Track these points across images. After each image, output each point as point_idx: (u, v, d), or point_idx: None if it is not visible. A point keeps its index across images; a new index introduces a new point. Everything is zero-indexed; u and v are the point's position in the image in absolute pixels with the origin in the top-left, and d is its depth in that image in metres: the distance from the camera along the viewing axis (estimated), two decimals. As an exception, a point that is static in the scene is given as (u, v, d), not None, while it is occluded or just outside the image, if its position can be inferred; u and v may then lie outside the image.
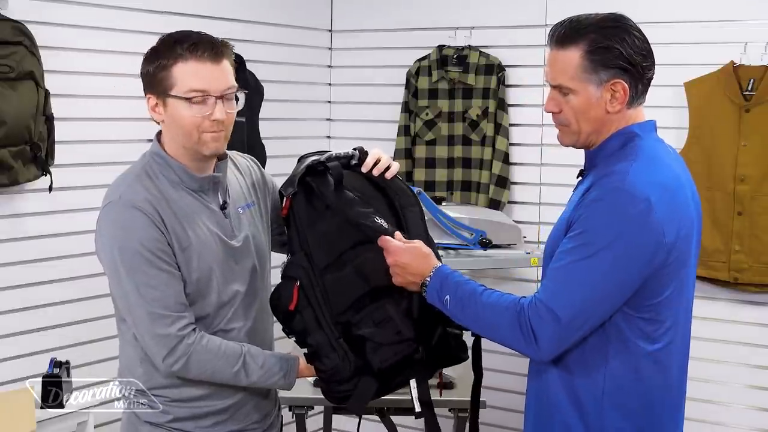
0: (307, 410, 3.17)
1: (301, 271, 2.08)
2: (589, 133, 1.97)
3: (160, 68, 2.00)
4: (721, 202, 3.48)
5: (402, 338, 2.06)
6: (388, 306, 2.07)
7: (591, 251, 1.84)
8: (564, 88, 1.95)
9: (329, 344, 2.06)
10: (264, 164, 3.85)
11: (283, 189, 2.13)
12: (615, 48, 1.89)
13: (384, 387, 2.12)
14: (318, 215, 2.11)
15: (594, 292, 1.85)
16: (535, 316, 1.87)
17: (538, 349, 1.88)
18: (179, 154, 2.06)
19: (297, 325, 2.08)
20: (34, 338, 3.16)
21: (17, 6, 2.98)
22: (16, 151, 2.91)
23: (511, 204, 4.04)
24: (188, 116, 2.01)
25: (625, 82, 1.91)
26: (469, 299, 1.96)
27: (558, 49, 1.95)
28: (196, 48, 1.99)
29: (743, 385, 3.62)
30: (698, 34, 3.60)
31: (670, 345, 1.95)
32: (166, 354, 2.00)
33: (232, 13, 3.85)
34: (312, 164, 2.13)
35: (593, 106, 1.93)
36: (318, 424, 3.74)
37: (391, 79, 4.26)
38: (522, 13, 3.96)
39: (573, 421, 1.96)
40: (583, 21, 1.94)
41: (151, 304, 1.98)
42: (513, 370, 3.93)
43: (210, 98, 2.01)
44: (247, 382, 2.10)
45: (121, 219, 1.99)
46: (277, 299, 2.09)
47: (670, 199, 1.87)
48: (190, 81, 1.99)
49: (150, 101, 2.05)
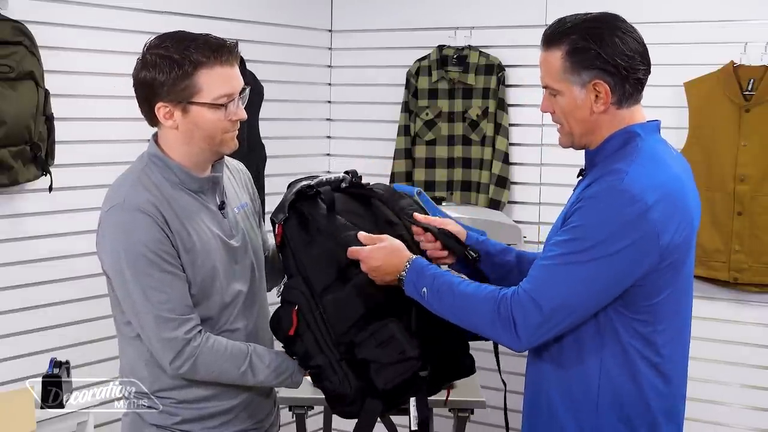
0: (307, 410, 3.17)
1: (299, 295, 2.08)
2: (581, 134, 1.97)
3: (180, 77, 1.96)
4: (721, 202, 3.48)
5: (406, 357, 2.04)
6: (391, 324, 2.06)
7: (582, 246, 1.84)
8: (551, 88, 1.96)
9: (330, 367, 2.06)
10: (264, 164, 3.85)
11: (274, 216, 2.15)
12: (592, 49, 1.88)
13: (389, 406, 2.12)
14: (311, 239, 2.12)
15: (580, 288, 1.85)
16: (516, 305, 1.87)
17: (517, 338, 1.88)
18: (181, 156, 2.06)
19: (299, 349, 2.09)
20: (34, 338, 3.16)
21: (17, 6, 2.98)
22: (16, 151, 2.91)
23: (511, 204, 4.04)
24: (214, 120, 2.01)
25: (606, 83, 1.89)
26: (447, 290, 1.96)
27: (545, 49, 1.96)
28: (219, 53, 1.98)
29: (743, 385, 3.63)
30: (698, 34, 3.60)
31: (668, 347, 1.94)
32: (173, 357, 2.00)
33: (232, 13, 3.85)
34: (302, 189, 2.15)
35: (579, 107, 1.93)
36: (318, 424, 3.74)
37: (391, 79, 4.26)
38: (522, 13, 3.96)
39: (568, 422, 1.96)
40: (568, 21, 1.93)
41: (158, 307, 1.98)
42: (513, 370, 3.92)
43: (233, 100, 2.02)
44: (254, 382, 2.10)
45: (126, 222, 1.98)
46: (277, 323, 2.10)
47: (669, 200, 1.86)
48: (219, 87, 1.99)
49: (162, 110, 2.00)
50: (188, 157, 2.06)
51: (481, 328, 1.95)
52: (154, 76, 1.98)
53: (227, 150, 2.08)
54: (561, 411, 1.97)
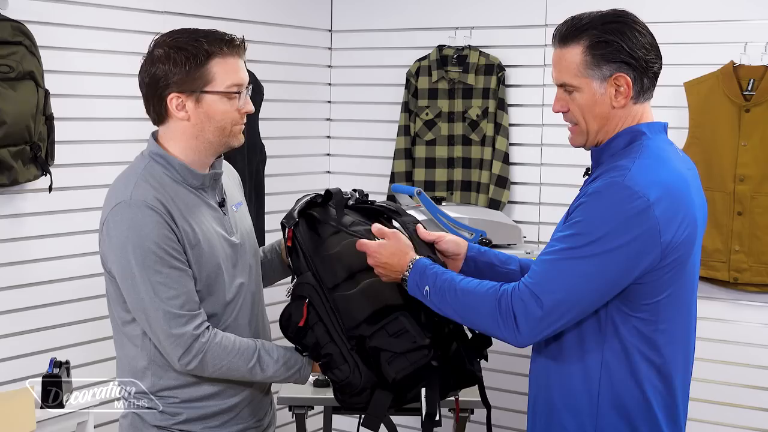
0: (307, 410, 3.17)
1: (309, 289, 2.10)
2: (597, 131, 1.98)
3: (194, 66, 2.00)
4: (721, 202, 3.48)
5: (418, 345, 2.04)
6: (402, 318, 2.06)
7: (583, 242, 1.84)
8: (568, 86, 1.97)
9: (341, 355, 2.07)
10: (264, 164, 3.85)
11: (285, 221, 2.19)
12: (615, 42, 1.90)
13: (399, 400, 2.11)
14: (321, 240, 2.15)
15: (581, 282, 1.85)
16: (517, 300, 1.87)
17: (518, 334, 1.88)
18: (185, 152, 2.07)
19: (309, 340, 2.10)
20: (34, 338, 3.16)
21: (17, 6, 2.98)
22: (16, 151, 2.91)
23: (511, 204, 4.04)
24: (226, 110, 2.05)
25: (628, 75, 1.91)
26: (449, 287, 1.97)
27: (561, 47, 1.97)
28: (230, 44, 2.04)
29: (743, 385, 3.62)
30: (698, 34, 3.60)
31: (669, 347, 1.94)
32: (182, 353, 2.00)
33: (232, 13, 3.85)
34: (312, 198, 2.22)
35: (598, 102, 1.94)
36: (318, 424, 3.74)
37: (391, 79, 4.26)
38: (522, 13, 3.96)
39: (569, 421, 1.97)
40: (584, 18, 1.96)
41: (167, 303, 1.98)
42: (513, 370, 3.93)
43: (242, 92, 2.07)
44: (262, 377, 2.11)
45: (133, 218, 1.98)
46: (287, 318, 2.11)
47: (673, 198, 1.86)
48: (231, 76, 2.04)
49: (174, 101, 2.03)
50: (193, 153, 2.07)
51: (482, 324, 1.95)
52: (167, 69, 2.01)
53: (236, 143, 2.11)
54: (562, 409, 1.98)
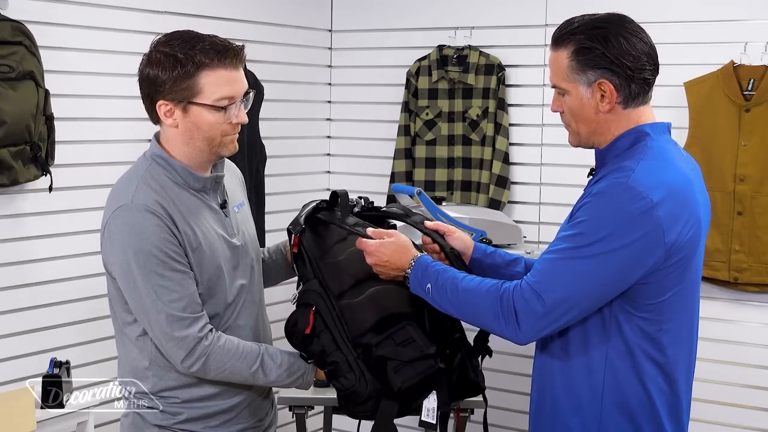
0: (307, 410, 3.17)
1: (316, 297, 2.10)
2: (589, 134, 1.98)
3: (182, 76, 1.97)
4: (721, 202, 3.48)
5: (424, 354, 2.03)
6: (409, 327, 2.06)
7: (586, 241, 1.85)
8: (559, 88, 1.99)
9: (347, 363, 2.06)
10: (264, 164, 3.85)
11: (291, 227, 2.18)
12: (597, 49, 1.90)
13: (404, 409, 2.09)
14: (327, 247, 2.15)
15: (582, 282, 1.85)
16: (519, 298, 1.88)
17: (519, 332, 1.89)
18: (184, 155, 2.06)
19: (315, 347, 2.09)
20: (34, 338, 3.16)
21: (17, 6, 2.98)
22: (16, 151, 2.91)
23: (511, 204, 4.04)
24: (214, 122, 2.01)
25: (611, 82, 1.91)
26: (451, 285, 1.98)
27: (553, 49, 1.99)
28: (224, 56, 1.99)
29: (743, 385, 3.62)
30: (698, 34, 3.60)
31: (673, 347, 1.94)
32: (185, 356, 2.00)
33: (232, 13, 3.85)
34: (318, 204, 2.21)
35: (585, 106, 1.95)
36: (318, 424, 3.74)
37: (391, 79, 4.26)
38: (522, 13, 3.96)
39: (573, 420, 1.97)
40: (576, 21, 1.96)
41: (169, 306, 1.98)
42: (513, 370, 3.93)
43: (234, 103, 2.02)
44: (264, 381, 2.11)
45: (135, 222, 1.98)
46: (293, 325, 2.10)
47: (676, 198, 1.87)
48: (220, 89, 1.99)
49: (162, 107, 2.01)
50: (189, 157, 2.07)
51: (484, 321, 1.95)
52: (157, 74, 1.99)
53: (226, 153, 2.08)
54: (566, 409, 1.98)
